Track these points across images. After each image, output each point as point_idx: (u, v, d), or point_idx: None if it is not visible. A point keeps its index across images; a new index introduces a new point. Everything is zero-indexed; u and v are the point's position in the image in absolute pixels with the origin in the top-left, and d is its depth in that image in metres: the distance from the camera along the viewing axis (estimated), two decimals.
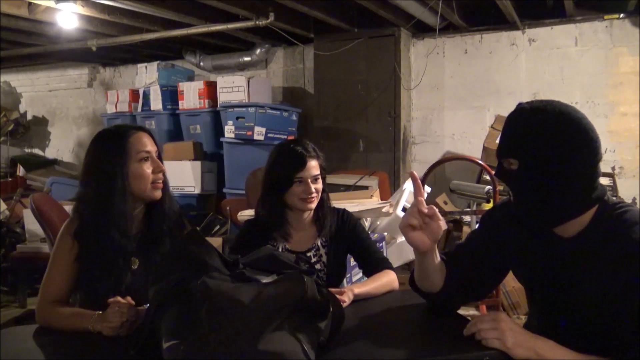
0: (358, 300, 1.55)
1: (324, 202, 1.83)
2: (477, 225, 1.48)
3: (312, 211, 1.82)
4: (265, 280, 1.13)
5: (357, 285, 1.62)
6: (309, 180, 1.74)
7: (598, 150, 1.16)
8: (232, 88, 5.01)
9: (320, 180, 1.79)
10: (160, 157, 1.64)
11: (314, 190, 1.74)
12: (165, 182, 1.63)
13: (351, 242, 1.85)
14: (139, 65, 5.93)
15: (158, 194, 1.59)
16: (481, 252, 1.38)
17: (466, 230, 3.97)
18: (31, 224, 3.96)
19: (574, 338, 1.15)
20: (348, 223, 1.87)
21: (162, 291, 1.12)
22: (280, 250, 1.76)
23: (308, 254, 1.81)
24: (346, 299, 1.52)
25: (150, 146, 1.59)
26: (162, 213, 1.62)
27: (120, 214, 1.52)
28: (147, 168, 1.56)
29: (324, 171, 1.83)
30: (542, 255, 1.25)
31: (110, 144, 1.56)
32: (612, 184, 4.14)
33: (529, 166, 1.16)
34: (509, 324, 1.12)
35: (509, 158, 1.20)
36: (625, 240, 1.12)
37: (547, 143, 1.14)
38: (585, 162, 1.15)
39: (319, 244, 1.83)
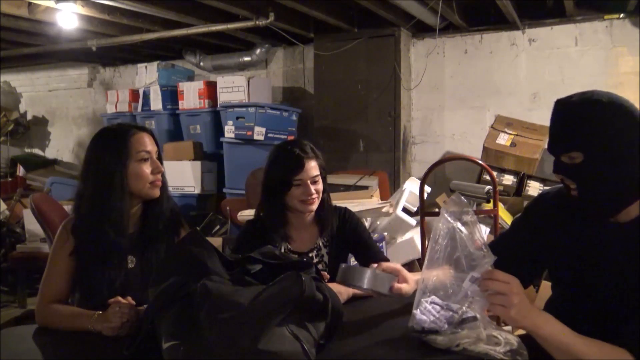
0: (357, 300, 1.55)
1: (325, 202, 1.81)
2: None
3: (314, 211, 1.80)
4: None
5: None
6: (308, 182, 1.72)
7: None
8: (232, 88, 5.01)
9: (320, 181, 1.77)
10: (160, 158, 1.65)
11: (313, 191, 1.72)
12: (164, 183, 1.64)
13: (353, 241, 1.84)
14: (139, 65, 5.92)
15: (156, 192, 1.61)
16: (523, 242, 1.39)
17: None
18: (31, 224, 3.96)
19: (615, 325, 1.14)
20: (349, 222, 1.85)
21: (162, 293, 1.12)
22: (282, 250, 1.75)
23: (310, 255, 1.80)
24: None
25: (150, 146, 1.60)
26: (159, 212, 1.63)
27: (117, 212, 1.54)
28: (147, 168, 1.58)
29: (324, 171, 1.81)
30: (597, 243, 1.26)
31: (112, 143, 1.58)
32: None
33: (595, 157, 1.18)
34: (520, 296, 1.08)
35: (570, 152, 1.20)
36: None
37: (608, 133, 1.16)
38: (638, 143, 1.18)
39: (320, 244, 1.83)
